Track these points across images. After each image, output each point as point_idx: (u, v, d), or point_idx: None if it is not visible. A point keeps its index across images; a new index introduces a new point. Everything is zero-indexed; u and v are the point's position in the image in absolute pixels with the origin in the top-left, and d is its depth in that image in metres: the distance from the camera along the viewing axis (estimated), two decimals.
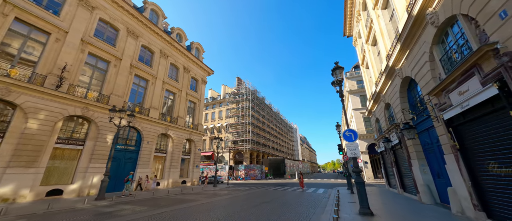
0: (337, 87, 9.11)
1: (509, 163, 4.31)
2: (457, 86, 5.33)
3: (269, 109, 55.76)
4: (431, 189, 8.63)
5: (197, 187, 19.87)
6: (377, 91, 13.24)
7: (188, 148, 23.58)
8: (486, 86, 4.28)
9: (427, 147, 8.78)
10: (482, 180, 5.28)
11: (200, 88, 26.91)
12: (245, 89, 43.96)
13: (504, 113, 4.21)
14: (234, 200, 10.76)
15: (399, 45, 8.36)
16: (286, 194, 13.70)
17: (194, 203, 9.56)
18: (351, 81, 34.90)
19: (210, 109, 49.19)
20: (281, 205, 9.38)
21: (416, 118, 8.43)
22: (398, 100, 10.14)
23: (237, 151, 41.13)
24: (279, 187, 19.59)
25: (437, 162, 8.13)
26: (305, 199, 11.26)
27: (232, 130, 42.10)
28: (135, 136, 17.24)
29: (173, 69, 23.10)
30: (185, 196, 12.40)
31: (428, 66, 6.81)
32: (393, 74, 10.23)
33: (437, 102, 6.57)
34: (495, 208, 4.98)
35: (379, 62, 13.87)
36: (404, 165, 11.33)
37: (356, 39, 20.02)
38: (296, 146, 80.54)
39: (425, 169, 8.94)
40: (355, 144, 7.51)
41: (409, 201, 9.45)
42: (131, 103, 17.28)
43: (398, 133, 10.45)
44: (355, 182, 7.09)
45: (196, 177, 23.09)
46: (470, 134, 5.41)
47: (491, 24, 4.06)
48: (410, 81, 9.33)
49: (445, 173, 7.64)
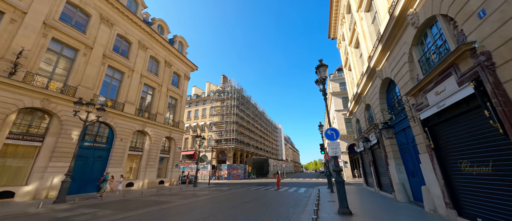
0: (321, 86, 9.03)
1: (481, 163, 4.40)
2: (434, 86, 5.40)
3: (254, 109, 55.53)
4: (405, 187, 8.90)
5: (176, 187, 18.88)
6: (358, 92, 13.53)
7: (167, 147, 22.38)
8: (462, 86, 4.32)
9: (403, 147, 9.05)
10: (454, 179, 5.42)
11: (183, 84, 25.75)
12: (231, 87, 43.19)
13: (478, 113, 4.28)
14: (213, 201, 10.22)
15: (381, 46, 8.49)
16: (268, 194, 13.46)
17: (168, 205, 8.85)
18: (334, 83, 35.91)
19: (194, 106, 47.58)
20: (262, 205, 9.07)
21: (394, 118, 8.63)
22: (378, 101, 10.38)
23: (220, 150, 40.24)
24: (261, 186, 19.35)
25: (412, 162, 8.39)
26: (286, 199, 11.09)
27: (216, 128, 41.11)
28: (106, 133, 15.84)
29: (153, 63, 21.74)
30: (159, 198, 11.55)
31: (407, 67, 6.92)
32: (374, 76, 10.44)
33: (414, 103, 6.70)
34: (465, 206, 5.11)
35: (361, 64, 14.20)
36: (381, 165, 11.67)
37: (340, 42, 20.48)
38: (280, 146, 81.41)
39: (401, 168, 9.21)
40: (337, 143, 7.44)
41: (385, 200, 9.70)
42: (104, 97, 15.84)
43: (377, 133, 10.70)
44: (335, 181, 7.01)
45: (175, 177, 22.00)
46: (445, 134, 5.53)
47: (469, 23, 4.08)
48: (390, 82, 9.56)
49: (420, 172, 7.88)
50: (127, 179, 17.09)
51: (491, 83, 3.67)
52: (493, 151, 4.06)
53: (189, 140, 43.65)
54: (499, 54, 3.55)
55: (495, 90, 3.62)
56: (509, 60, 3.40)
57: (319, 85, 9.24)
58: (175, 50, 24.01)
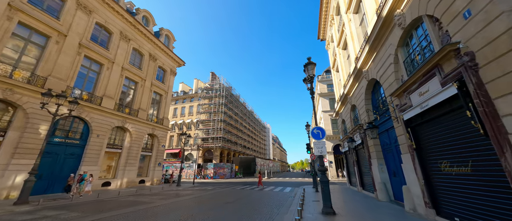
0: (308, 85, 8.94)
1: (460, 163, 4.46)
2: (418, 87, 5.45)
3: (243, 107, 55.10)
4: (387, 187, 9.09)
5: (157, 187, 18.03)
6: (344, 93, 13.71)
7: (150, 144, 21.34)
8: (445, 86, 4.34)
9: (386, 147, 9.23)
10: (434, 179, 5.51)
11: (168, 80, 24.72)
12: (219, 84, 42.40)
13: (460, 113, 4.32)
14: (195, 201, 9.77)
15: (368, 47, 8.56)
16: (253, 194, 13.22)
17: (145, 206, 8.27)
18: (322, 85, 36.55)
19: (180, 103, 46.12)
20: (245, 205, 8.80)
21: (379, 118, 8.76)
22: (363, 102, 10.52)
23: (206, 149, 39.38)
24: (247, 186, 19.08)
25: (394, 162, 8.56)
26: (271, 199, 10.91)
27: (203, 126, 40.16)
28: (81, 128, 14.68)
29: (136, 55, 20.58)
30: (138, 198, 10.86)
31: (392, 68, 6.99)
32: (360, 76, 10.57)
33: (398, 103, 6.77)
34: (444, 205, 5.20)
35: (348, 65, 14.41)
36: (365, 164, 11.90)
37: (329, 43, 20.75)
38: (268, 146, 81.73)
39: (383, 168, 9.39)
40: (322, 142, 7.36)
41: (367, 199, 9.85)
42: (79, 89, 14.66)
43: (362, 133, 10.86)
44: (320, 180, 6.92)
45: (157, 176, 21.04)
46: (426, 135, 5.61)
47: (454, 24, 4.09)
48: (375, 83, 9.71)
49: (401, 172, 8.05)
50: (103, 178, 16.02)
51: (474, 83, 3.68)
52: (472, 152, 4.11)
53: (174, 138, 42.25)
54: (482, 54, 3.56)
55: (477, 90, 3.64)
56: (491, 60, 3.40)
57: (307, 84, 9.14)
58: (160, 44, 22.95)
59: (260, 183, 18.41)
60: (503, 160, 3.28)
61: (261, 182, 18.49)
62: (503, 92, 3.27)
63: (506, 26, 3.10)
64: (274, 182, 24.39)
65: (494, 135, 3.41)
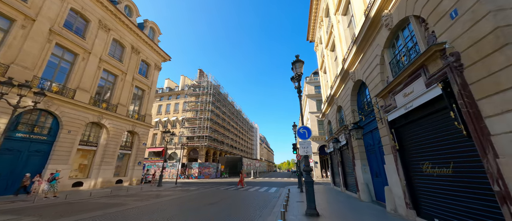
0: (296, 83, 8.77)
1: (442, 164, 4.46)
2: (403, 88, 5.44)
3: (231, 106, 54.41)
4: (369, 187, 9.19)
5: (136, 187, 17.01)
6: (331, 93, 13.81)
7: (130, 142, 20.14)
8: (430, 87, 4.32)
9: (369, 148, 9.33)
10: (415, 180, 5.53)
11: (152, 75, 23.54)
12: (207, 82, 41.39)
13: (443, 115, 4.32)
14: (174, 203, 9.20)
15: (355, 48, 8.57)
16: (238, 194, 12.85)
17: (116, 209, 7.58)
18: (309, 86, 37.05)
19: (165, 100, 44.36)
20: (228, 206, 8.42)
21: (364, 119, 8.82)
22: (349, 103, 10.60)
23: (192, 148, 38.23)
24: (232, 186, 18.65)
25: (377, 163, 8.66)
26: (255, 199, 10.63)
27: (189, 125, 38.93)
28: (50, 123, 13.37)
29: (116, 47, 19.29)
30: (111, 200, 10.02)
31: (378, 69, 7.01)
32: (347, 78, 10.64)
33: (383, 104, 6.80)
34: (424, 206, 5.23)
35: (335, 67, 14.55)
36: (349, 165, 12.03)
37: (317, 45, 20.95)
38: (255, 146, 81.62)
39: (366, 168, 9.49)
40: (308, 142, 7.20)
41: (350, 199, 9.92)
42: (48, 80, 13.33)
43: (346, 134, 10.94)
44: (304, 181, 6.75)
45: (137, 176, 19.90)
46: (409, 136, 5.63)
47: (441, 24, 4.06)
48: (361, 85, 9.80)
49: (383, 173, 8.14)
50: (75, 178, 14.75)
51: (459, 84, 3.65)
52: (454, 153, 4.11)
53: (158, 136, 40.54)
54: (467, 55, 3.53)
55: (461, 91, 3.61)
56: (476, 61, 3.37)
57: (294, 82, 8.97)
58: (144, 36, 21.75)
59: (241, 183, 18.03)
60: (485, 162, 3.25)
61: (242, 182, 18.12)
62: (487, 93, 3.24)
63: (493, 26, 3.07)
64: (260, 182, 24.19)
65: (477, 136, 3.38)
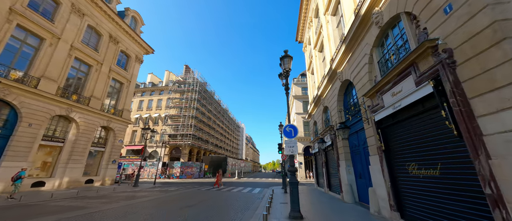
0: (284, 80, 8.46)
1: (429, 165, 4.33)
2: (392, 87, 5.31)
3: (218, 105, 53.25)
4: (353, 188, 9.13)
5: (109, 188, 15.64)
6: (318, 94, 13.76)
7: (104, 138, 18.58)
8: (421, 85, 4.17)
9: (354, 149, 9.29)
10: (400, 181, 5.42)
11: (133, 67, 22.02)
12: (193, 78, 39.95)
13: (432, 114, 4.19)
14: (148, 205, 8.40)
15: (344, 47, 8.46)
16: (220, 195, 12.25)
17: (76, 214, 6.64)
18: (297, 87, 37.35)
19: (147, 96, 42.08)
20: (208, 209, 7.83)
21: (350, 118, 8.73)
22: (336, 103, 10.53)
23: (174, 146, 36.61)
24: (214, 187, 17.93)
25: (361, 163, 8.61)
26: (237, 201, 10.13)
27: (172, 122, 37.26)
28: (6, 114, 11.75)
29: (92, 34, 17.67)
30: (74, 202, 8.92)
31: (366, 68, 6.89)
32: (334, 78, 10.56)
33: (370, 104, 6.68)
34: (409, 208, 5.12)
35: (323, 67, 14.55)
36: (333, 166, 12.00)
37: (306, 45, 21.01)
38: (241, 145, 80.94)
39: (350, 169, 9.44)
40: (294, 141, 6.88)
41: (333, 200, 9.82)
42: (5, 65, 11.71)
43: (332, 135, 10.87)
44: (289, 182, 6.41)
45: (111, 175, 18.39)
46: (396, 136, 5.52)
47: (434, 20, 3.91)
48: (348, 85, 9.75)
49: (367, 174, 8.09)
50: (36, 177, 13.15)
51: (451, 81, 3.49)
52: (443, 154, 3.98)
53: (137, 133, 38.30)
54: (461, 51, 3.38)
55: (454, 89, 3.45)
56: (470, 57, 3.22)
57: (282, 79, 8.66)
58: (125, 25, 20.24)
59: (217, 184, 17.39)
60: (477, 163, 3.09)
61: (218, 183, 17.47)
62: (480, 91, 3.09)
63: (490, 19, 2.91)
64: (244, 183, 23.69)
65: (469, 136, 3.22)
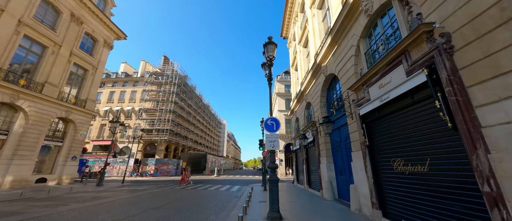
0: (267, 71, 7.86)
1: (416, 161, 4.07)
2: (380, 78, 5.00)
3: (198, 100, 51.14)
4: (333, 185, 8.95)
5: (65, 187, 13.67)
6: (301, 90, 13.48)
7: (61, 131, 16.28)
8: (413, 74, 3.85)
9: (336, 146, 9.10)
10: (384, 178, 5.19)
11: (100, 53, 19.64)
12: (172, 70, 37.53)
13: (424, 106, 3.90)
14: (105, 208, 7.21)
15: (329, 40, 8.12)
16: (194, 194, 11.33)
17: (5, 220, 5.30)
18: (280, 84, 37.29)
19: (120, 87, 38.54)
20: (177, 211, 6.95)
21: (334, 113, 8.45)
22: (319, 99, 10.26)
23: (149, 142, 34.13)
24: (189, 185, 16.84)
25: (342, 160, 8.43)
26: (213, 200, 9.36)
27: (147, 116, 34.64)
28: None
29: (48, 11, 15.20)
30: (10, 206, 7.31)
31: (353, 60, 6.59)
32: (319, 72, 10.27)
33: (355, 98, 6.40)
34: (391, 206, 4.88)
35: (307, 63, 14.31)
36: (314, 163, 11.83)
37: (291, 41, 20.72)
38: (222, 142, 79.40)
39: (331, 166, 9.26)
40: (276, 135, 6.33)
41: (313, 198, 9.58)
42: None
43: (314, 131, 10.62)
44: (268, 179, 5.85)
45: (70, 173, 16.18)
46: (382, 131, 5.26)
47: (430, 2, 3.59)
48: (332, 80, 9.51)
49: (348, 170, 7.91)
50: None
51: (448, 69, 3.17)
52: (433, 149, 3.71)
53: (107, 127, 34.92)
54: (460, 35, 3.06)
55: (450, 77, 3.14)
56: (471, 41, 2.90)
57: (265, 70, 8.06)
58: (91, 4, 17.84)
59: (184, 181, 16.34)
60: (474, 158, 2.79)
61: (185, 180, 16.40)
62: (481, 78, 2.78)
63: None
64: (223, 180, 22.86)
65: (465, 128, 2.92)
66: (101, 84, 39.31)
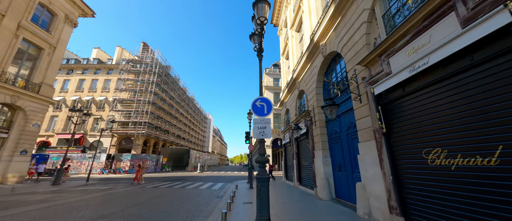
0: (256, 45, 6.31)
1: (473, 150, 2.83)
2: (410, 41, 3.71)
3: (182, 92, 48.16)
4: (329, 183, 7.76)
5: (7, 187, 11.15)
6: (293, 77, 12.14)
7: (8, 121, 13.47)
8: (479, 20, 2.53)
9: (334, 137, 7.90)
10: (407, 175, 3.97)
11: (60, 30, 16.69)
12: (152, 58, 34.36)
13: (496, 67, 2.62)
14: (44, 214, 5.31)
15: (331, 10, 6.77)
16: (168, 194, 9.60)
17: None
18: (268, 78, 35.93)
19: (91, 74, 34.53)
20: (139, 218, 5.27)
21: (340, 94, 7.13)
22: (315, 84, 8.97)
23: (124, 136, 31.05)
24: (166, 183, 14.96)
25: (342, 153, 7.24)
26: (188, 202, 7.75)
27: (122, 107, 31.41)
28: None
29: None
30: None
31: (364, 29, 5.28)
32: (315, 53, 8.94)
33: (365, 76, 5.12)
34: (419, 214, 3.67)
35: (300, 48, 12.98)
36: (306, 157, 10.62)
37: (282, 28, 19.30)
38: (208, 138, 76.80)
39: (328, 160, 8.06)
40: (267, 120, 4.86)
41: (306, 197, 8.36)
42: None
43: (308, 121, 9.35)
44: (256, 177, 4.39)
45: (17, 170, 13.48)
46: (408, 113, 4.02)
47: None
48: (332, 61, 8.23)
49: (350, 165, 6.73)
50: None
51: None
52: (509, 131, 2.45)
53: (74, 119, 31.11)
54: None
55: None
56: None
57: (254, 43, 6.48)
58: None
59: (137, 179, 14.13)
60: None
61: (138, 178, 14.19)
62: None
63: None
64: (206, 177, 21.12)
65: None
66: (69, 71, 35.06)
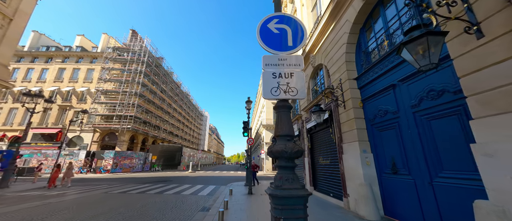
0: None
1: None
2: None
3: (176, 87, 45.06)
4: (374, 192, 5.08)
5: None
6: (306, 50, 9.44)
7: None
8: None
9: (377, 121, 5.25)
10: None
11: None
12: (141, 47, 31.23)
13: None
14: None
15: None
16: (140, 202, 6.84)
17: None
18: None
19: (72, 63, 31.18)
20: None
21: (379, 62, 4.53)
22: (344, 48, 6.29)
23: (108, 131, 27.95)
24: (148, 185, 12.17)
25: (398, 145, 4.60)
26: (160, 217, 5.01)
27: (107, 99, 28.29)
28: None
29: None
30: None
31: None
32: (344, 6, 6.24)
33: None
34: None
35: (312, 19, 10.30)
36: (326, 153, 7.95)
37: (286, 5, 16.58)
38: (204, 136, 73.77)
39: (368, 157, 5.39)
40: (295, 58, 2.16)
41: (332, 212, 5.70)
42: None
43: (333, 103, 6.67)
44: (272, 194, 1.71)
45: None
46: None
47: None
48: (368, 17, 5.55)
49: (416, 164, 4.08)
50: None
51: None
52: None
53: (53, 112, 27.95)
54: None
55: None
56: None
57: None
58: None
59: (53, 181, 10.82)
60: None
61: (54, 180, 10.90)
62: None
63: None
64: (196, 178, 18.34)
65: None
66: (48, 59, 31.72)
